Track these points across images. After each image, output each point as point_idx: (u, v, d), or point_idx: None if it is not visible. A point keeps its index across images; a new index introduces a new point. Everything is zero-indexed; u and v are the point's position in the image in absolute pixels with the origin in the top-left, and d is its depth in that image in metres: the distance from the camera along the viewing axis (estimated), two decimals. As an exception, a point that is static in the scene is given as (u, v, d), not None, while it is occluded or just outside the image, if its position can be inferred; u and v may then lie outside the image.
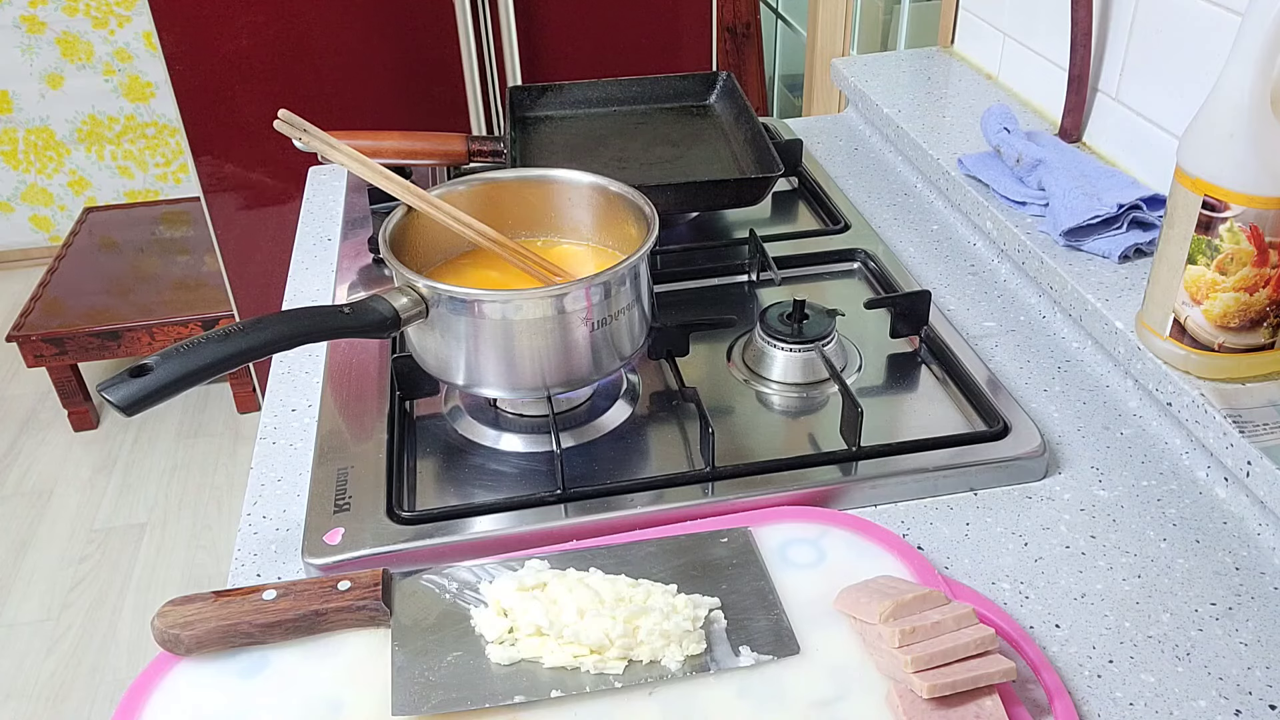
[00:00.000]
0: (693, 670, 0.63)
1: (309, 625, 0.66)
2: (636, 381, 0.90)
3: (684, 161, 1.15)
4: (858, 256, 1.07)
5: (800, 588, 0.69)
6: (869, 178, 1.26)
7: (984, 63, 1.36)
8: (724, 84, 1.27)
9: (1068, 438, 0.84)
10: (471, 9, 1.84)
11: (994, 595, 0.70)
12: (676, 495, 0.76)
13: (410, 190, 0.83)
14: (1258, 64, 0.70)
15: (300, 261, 1.14)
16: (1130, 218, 0.96)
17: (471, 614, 0.67)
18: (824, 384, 0.88)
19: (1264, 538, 0.74)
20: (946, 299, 1.02)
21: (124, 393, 0.64)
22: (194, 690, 0.64)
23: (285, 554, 0.76)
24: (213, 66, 1.81)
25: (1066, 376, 0.91)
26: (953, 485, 0.79)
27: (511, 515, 0.76)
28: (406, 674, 0.63)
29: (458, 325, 0.77)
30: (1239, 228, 0.74)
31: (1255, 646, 0.66)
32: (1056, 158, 1.04)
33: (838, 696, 0.62)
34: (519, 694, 0.62)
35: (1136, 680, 0.64)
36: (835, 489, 0.77)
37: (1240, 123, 0.72)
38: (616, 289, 0.78)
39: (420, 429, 0.86)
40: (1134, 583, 0.71)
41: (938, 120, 1.25)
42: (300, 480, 0.82)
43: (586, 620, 0.64)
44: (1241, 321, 0.77)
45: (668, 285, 1.03)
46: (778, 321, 0.90)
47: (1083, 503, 0.78)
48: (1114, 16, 1.07)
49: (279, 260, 1.16)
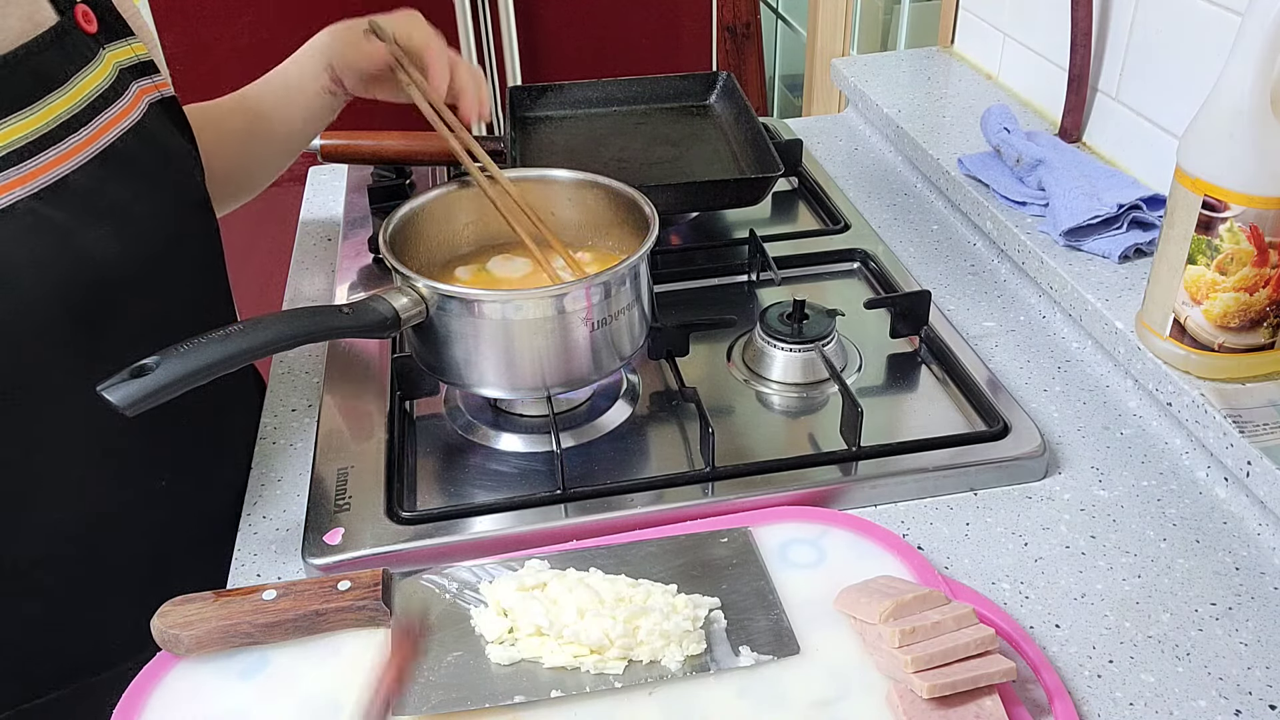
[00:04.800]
0: (693, 670, 0.63)
1: (309, 625, 0.66)
2: (636, 381, 0.90)
3: (684, 161, 1.15)
4: (858, 256, 1.07)
5: (800, 588, 0.69)
6: (869, 178, 1.26)
7: (984, 63, 1.36)
8: (724, 84, 1.27)
9: (1068, 438, 0.84)
10: (471, 9, 1.84)
11: (994, 595, 0.70)
12: (676, 495, 0.76)
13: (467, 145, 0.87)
14: (1258, 64, 0.70)
15: (300, 261, 1.14)
16: (1130, 218, 0.96)
17: (471, 614, 0.67)
18: (824, 384, 0.88)
19: (1264, 538, 0.74)
20: (946, 299, 1.02)
21: (123, 393, 0.63)
22: (194, 690, 0.64)
23: (285, 554, 0.76)
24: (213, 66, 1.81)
25: (1066, 376, 0.91)
26: (953, 485, 0.79)
27: (511, 515, 0.76)
28: (406, 674, 0.63)
29: (458, 325, 0.77)
30: (1239, 228, 0.74)
31: (1255, 646, 0.66)
32: (1056, 158, 1.04)
33: (838, 696, 0.62)
34: (519, 694, 0.62)
35: (1136, 680, 0.64)
36: (835, 489, 0.77)
37: (1240, 123, 0.72)
38: (616, 289, 0.78)
39: (420, 429, 0.86)
40: (1134, 583, 0.71)
41: (938, 120, 1.25)
42: (300, 480, 0.82)
43: (586, 620, 0.64)
44: (1241, 321, 0.77)
45: (668, 285, 1.03)
46: (778, 321, 0.90)
47: (1083, 503, 0.78)
48: (1114, 16, 1.07)
49: (279, 260, 1.16)
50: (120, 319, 0.73)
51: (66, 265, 0.68)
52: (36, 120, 0.68)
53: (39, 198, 0.67)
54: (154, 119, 0.78)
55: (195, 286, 0.83)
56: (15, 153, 0.66)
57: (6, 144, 0.66)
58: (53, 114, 0.69)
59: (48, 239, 0.67)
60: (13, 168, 0.66)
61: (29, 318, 0.67)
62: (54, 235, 0.67)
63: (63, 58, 0.71)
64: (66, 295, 0.69)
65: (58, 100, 0.69)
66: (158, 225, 0.75)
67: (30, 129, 0.67)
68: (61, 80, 0.70)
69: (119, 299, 0.72)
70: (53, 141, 0.68)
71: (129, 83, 0.76)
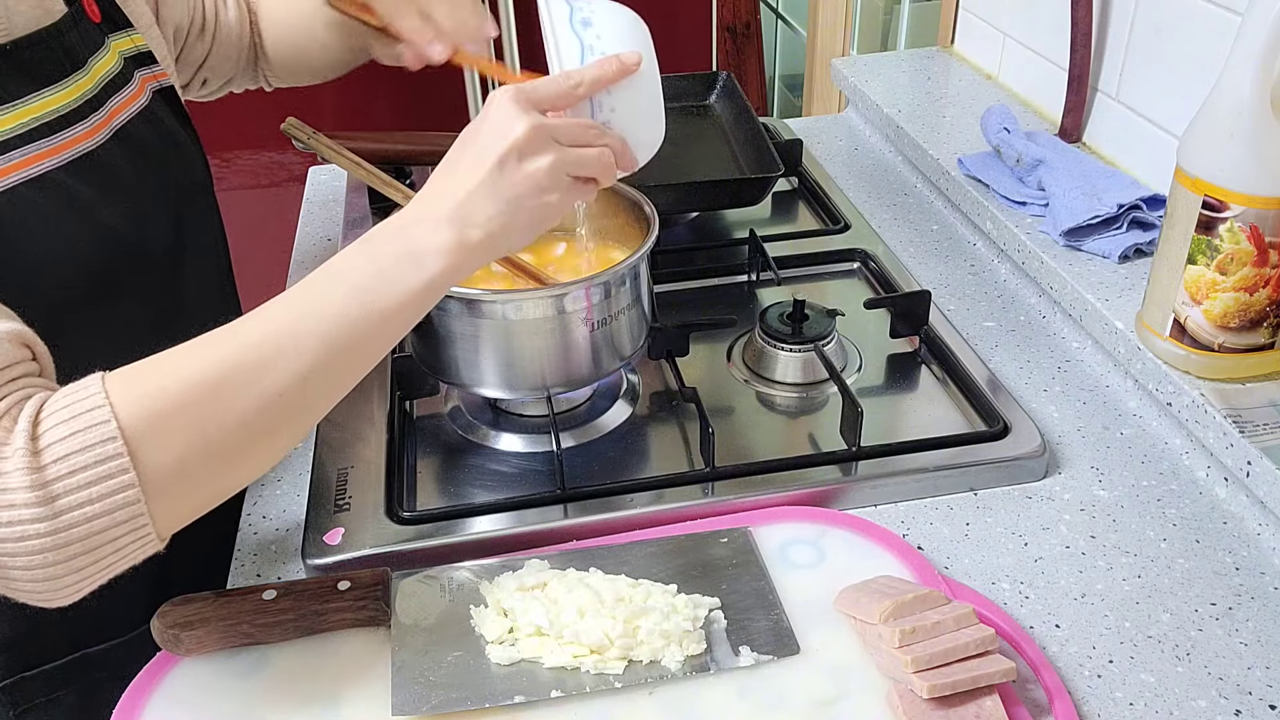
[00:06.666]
0: (693, 670, 0.63)
1: (309, 625, 0.66)
2: (636, 381, 0.90)
3: (684, 161, 1.15)
4: (858, 256, 1.07)
5: (800, 588, 0.69)
6: (869, 178, 1.26)
7: (984, 63, 1.36)
8: (724, 84, 1.27)
9: (1068, 438, 0.84)
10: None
11: (994, 595, 0.70)
12: (676, 495, 0.76)
13: (408, 195, 0.83)
14: (1258, 64, 0.70)
15: (300, 261, 1.14)
16: (1130, 218, 0.96)
17: (471, 614, 0.67)
18: (824, 384, 0.88)
19: (1264, 538, 0.74)
20: (946, 299, 1.02)
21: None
22: (194, 690, 0.64)
23: (285, 554, 0.76)
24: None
25: (1066, 376, 0.91)
26: (953, 485, 0.79)
27: (511, 515, 0.76)
28: (406, 674, 0.63)
29: (457, 325, 0.77)
30: (1239, 228, 0.74)
31: (1255, 646, 0.66)
32: (1056, 158, 1.04)
33: (838, 696, 0.62)
34: (519, 694, 0.62)
35: (1136, 680, 0.64)
36: (835, 489, 0.77)
37: (1240, 123, 0.72)
38: (616, 289, 0.78)
39: (420, 429, 0.86)
40: (1134, 583, 0.71)
41: (938, 120, 1.25)
42: (300, 480, 0.82)
43: (586, 620, 0.64)
44: (1241, 321, 0.77)
45: (668, 285, 1.03)
46: (778, 321, 0.90)
47: (1083, 503, 0.78)
48: (1114, 16, 1.07)
49: (279, 260, 1.16)
50: (132, 296, 0.74)
51: (88, 237, 0.70)
52: (66, 96, 0.70)
53: (66, 170, 0.69)
54: (159, 105, 0.80)
55: (201, 270, 0.84)
56: (47, 125, 0.68)
57: (41, 115, 0.68)
58: (78, 91, 0.71)
59: (74, 210, 0.69)
60: (44, 139, 0.68)
61: (53, 285, 0.68)
62: (79, 207, 0.69)
63: (81, 41, 0.73)
64: (88, 265, 0.70)
65: (81, 79, 0.71)
66: (162, 206, 0.77)
67: (60, 103, 0.69)
68: (82, 61, 0.72)
69: (131, 276, 0.74)
70: (80, 117, 0.70)
71: (133, 71, 0.78)
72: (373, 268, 0.58)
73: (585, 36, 0.64)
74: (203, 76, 0.96)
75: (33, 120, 0.67)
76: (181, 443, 0.53)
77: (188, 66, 0.93)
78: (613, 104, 0.64)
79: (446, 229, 0.58)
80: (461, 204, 0.59)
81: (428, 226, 0.59)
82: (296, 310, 0.57)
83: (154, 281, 0.76)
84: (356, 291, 0.57)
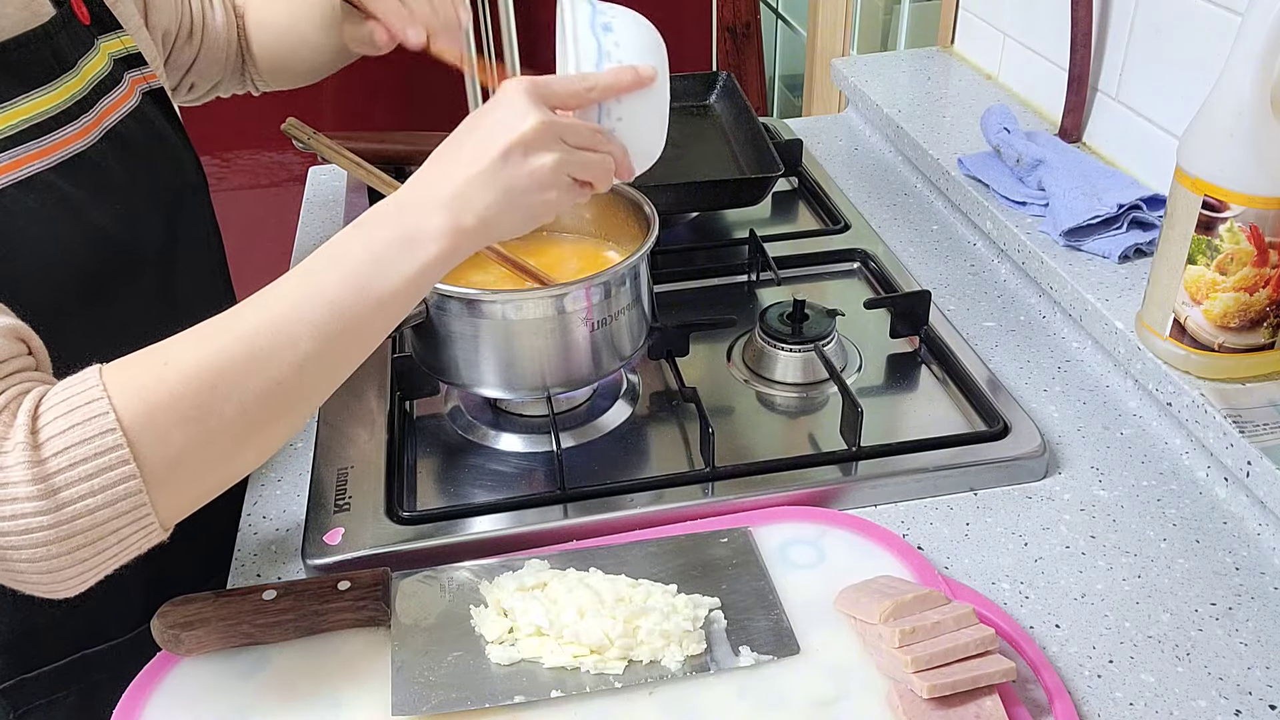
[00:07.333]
0: (693, 670, 0.63)
1: (309, 625, 0.66)
2: (636, 381, 0.90)
3: (684, 161, 1.15)
4: (857, 256, 1.07)
5: (800, 588, 0.69)
6: (869, 178, 1.26)
7: (984, 63, 1.36)
8: (724, 84, 1.27)
9: (1068, 438, 0.84)
10: (471, 9, 1.84)
11: (994, 595, 0.70)
12: (676, 495, 0.76)
13: None
14: (1258, 64, 0.70)
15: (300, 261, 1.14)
16: (1130, 218, 0.96)
17: (471, 614, 0.67)
18: (824, 384, 0.88)
19: (1264, 538, 0.74)
20: (946, 299, 1.02)
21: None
22: (194, 690, 0.64)
23: (285, 554, 0.76)
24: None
25: (1066, 376, 0.91)
26: (953, 485, 0.79)
27: (511, 515, 0.76)
28: (406, 674, 0.63)
29: (458, 325, 0.77)
30: (1239, 228, 0.74)
31: (1255, 646, 0.66)
32: (1056, 158, 1.04)
33: (838, 696, 0.62)
34: (519, 694, 0.62)
35: (1136, 680, 0.64)
36: (835, 489, 0.77)
37: (1240, 123, 0.72)
38: (616, 289, 0.78)
39: (420, 429, 0.86)
40: (1134, 583, 0.71)
41: (938, 120, 1.25)
42: (300, 480, 0.82)
43: (586, 620, 0.64)
44: (1241, 321, 0.77)
45: (668, 285, 1.03)
46: (778, 321, 0.90)
47: (1083, 503, 0.78)
48: (1114, 16, 1.07)
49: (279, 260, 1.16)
50: (125, 299, 0.74)
51: (80, 238, 0.70)
52: (55, 97, 0.70)
53: (56, 171, 0.69)
54: (149, 107, 0.80)
55: (195, 270, 0.84)
56: (37, 126, 0.68)
57: (30, 116, 0.68)
58: (68, 93, 0.71)
59: (65, 212, 0.69)
60: (33, 140, 0.68)
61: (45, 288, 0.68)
62: (70, 208, 0.69)
63: (70, 43, 0.73)
64: (80, 267, 0.70)
65: (71, 81, 0.72)
66: (154, 206, 0.77)
67: (50, 105, 0.69)
68: (72, 63, 0.72)
69: (124, 277, 0.74)
70: (70, 119, 0.71)
71: (122, 72, 0.78)
72: (368, 253, 0.58)
73: (605, 41, 0.64)
74: (190, 81, 0.96)
75: (22, 122, 0.67)
76: (180, 434, 0.53)
77: (175, 70, 0.93)
78: (620, 113, 0.64)
79: (443, 213, 0.58)
80: (461, 189, 0.59)
81: (425, 210, 0.59)
82: (292, 299, 0.58)
83: (147, 283, 0.76)
84: (352, 278, 0.58)
